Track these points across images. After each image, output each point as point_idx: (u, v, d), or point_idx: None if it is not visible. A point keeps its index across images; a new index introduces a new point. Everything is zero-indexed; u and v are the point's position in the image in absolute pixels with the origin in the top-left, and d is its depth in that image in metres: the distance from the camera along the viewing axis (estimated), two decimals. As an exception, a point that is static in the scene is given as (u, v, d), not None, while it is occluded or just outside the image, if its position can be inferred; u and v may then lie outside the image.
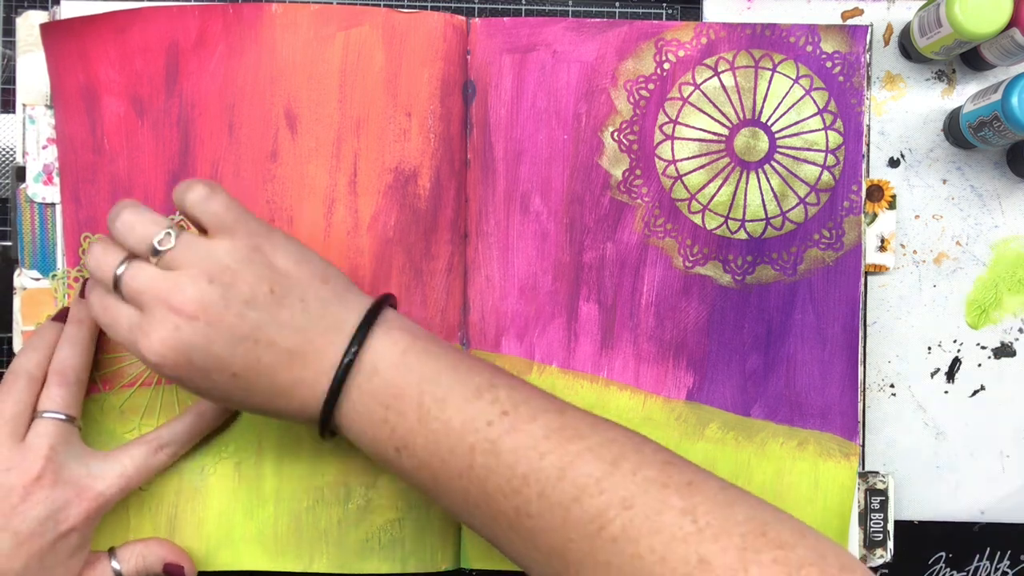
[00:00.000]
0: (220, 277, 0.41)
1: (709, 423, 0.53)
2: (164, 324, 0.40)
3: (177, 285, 0.40)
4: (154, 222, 0.42)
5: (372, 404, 0.42)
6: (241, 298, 0.41)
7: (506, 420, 0.41)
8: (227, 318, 0.40)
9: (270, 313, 0.41)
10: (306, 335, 0.42)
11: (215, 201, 0.42)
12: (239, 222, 0.42)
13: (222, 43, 0.51)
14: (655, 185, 0.52)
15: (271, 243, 0.43)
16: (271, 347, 0.41)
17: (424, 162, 0.51)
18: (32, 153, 0.52)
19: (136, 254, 0.42)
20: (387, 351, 0.42)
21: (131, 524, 0.51)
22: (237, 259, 0.41)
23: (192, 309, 0.40)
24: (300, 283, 0.42)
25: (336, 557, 0.52)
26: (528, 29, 0.52)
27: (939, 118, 0.54)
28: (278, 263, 0.42)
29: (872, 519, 0.53)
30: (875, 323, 0.54)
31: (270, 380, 0.42)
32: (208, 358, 0.41)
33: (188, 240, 0.42)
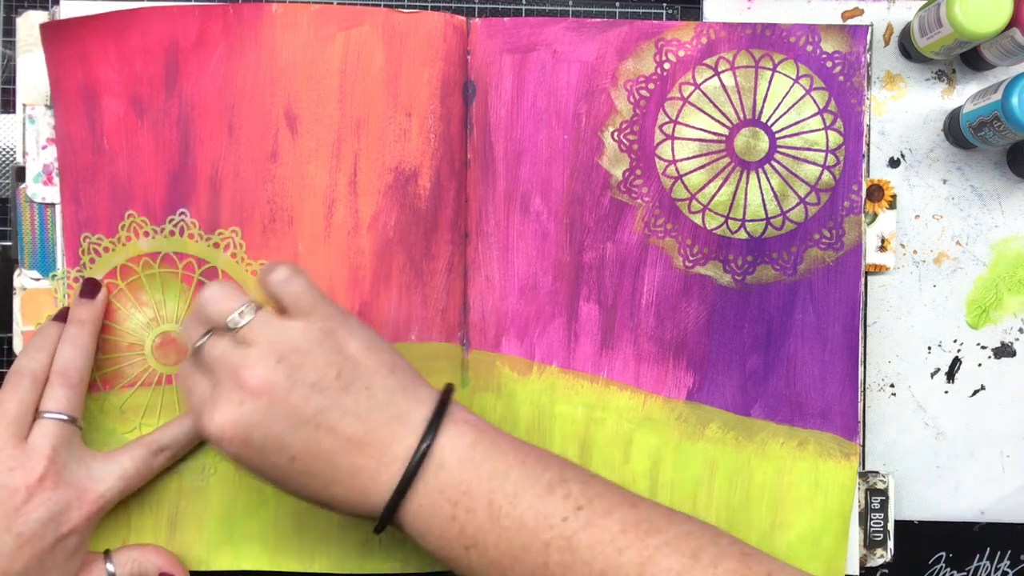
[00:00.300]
0: (289, 358, 0.41)
1: (709, 423, 0.53)
2: (229, 399, 0.40)
3: (246, 360, 0.41)
4: (235, 298, 0.43)
5: (439, 500, 0.41)
6: (307, 381, 0.41)
7: (581, 515, 0.40)
8: (291, 399, 0.40)
9: (335, 399, 0.41)
10: (369, 424, 0.41)
11: (295, 283, 0.43)
12: (316, 306, 0.43)
13: (222, 43, 0.51)
14: (655, 185, 0.52)
15: (345, 329, 0.43)
16: (333, 433, 0.41)
17: (424, 162, 0.51)
18: (32, 153, 0.52)
19: (217, 329, 0.43)
20: (455, 445, 0.42)
21: (132, 523, 0.51)
22: (309, 341, 0.42)
23: (258, 386, 0.40)
24: (368, 371, 0.42)
25: (336, 557, 0.52)
26: (528, 29, 0.52)
27: (939, 118, 0.54)
28: (349, 349, 0.42)
29: (872, 519, 0.53)
30: (875, 323, 0.54)
31: (329, 466, 0.41)
32: (268, 438, 0.41)
33: (264, 318, 0.42)
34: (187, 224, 0.51)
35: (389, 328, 0.51)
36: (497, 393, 0.53)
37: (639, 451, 0.52)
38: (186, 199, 0.51)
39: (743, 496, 0.52)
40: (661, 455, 0.53)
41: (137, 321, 0.51)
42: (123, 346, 0.51)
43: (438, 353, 0.52)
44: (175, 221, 0.51)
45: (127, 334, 0.51)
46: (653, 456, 0.53)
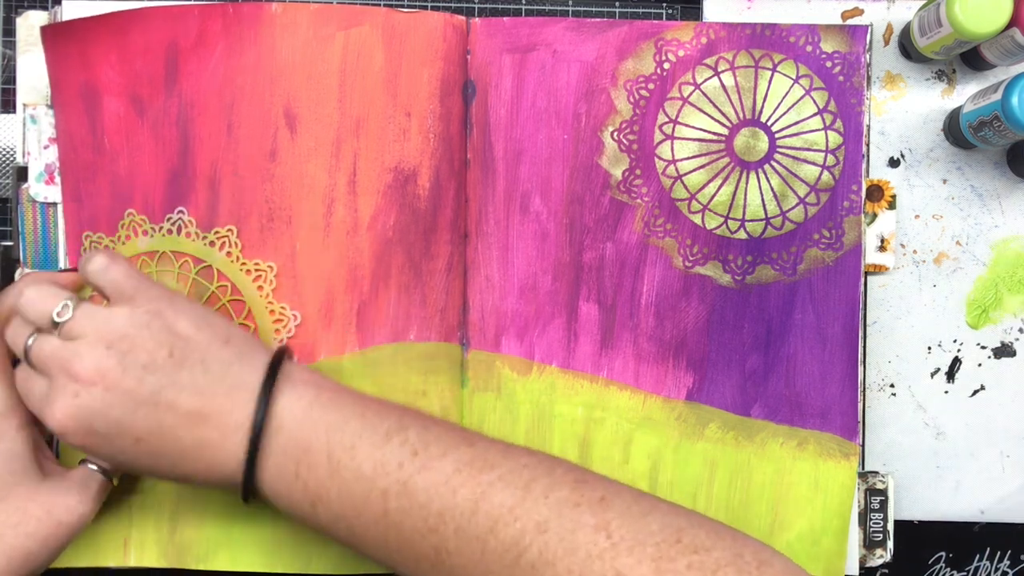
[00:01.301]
0: (118, 344, 0.41)
1: (709, 423, 0.53)
2: (64, 392, 0.41)
3: (75, 353, 0.41)
4: (54, 295, 0.43)
5: (283, 461, 0.42)
6: (139, 363, 0.41)
7: (416, 460, 0.41)
8: (125, 383, 0.41)
9: (169, 376, 0.41)
10: (208, 396, 0.42)
11: (113, 270, 0.43)
12: (139, 290, 0.43)
13: (221, 43, 0.51)
14: (655, 185, 0.52)
15: (172, 308, 0.43)
16: (172, 410, 0.41)
17: (424, 162, 0.51)
18: (34, 153, 0.52)
19: (40, 327, 0.43)
20: (292, 405, 0.42)
21: (133, 520, 0.51)
22: (135, 325, 0.42)
23: (90, 376, 0.41)
24: (200, 346, 0.42)
25: (334, 558, 0.52)
26: (528, 29, 0.52)
27: (939, 118, 0.54)
28: (178, 327, 0.43)
29: (872, 519, 0.53)
30: (875, 323, 0.54)
31: (175, 443, 0.42)
32: (109, 424, 0.41)
33: (86, 310, 0.42)
34: (185, 223, 0.51)
35: (388, 328, 0.51)
36: (497, 393, 0.53)
37: (639, 451, 0.52)
38: (185, 198, 0.51)
39: (743, 496, 0.52)
40: (661, 455, 0.53)
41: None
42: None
43: (437, 353, 0.52)
44: (173, 220, 0.51)
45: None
46: (653, 456, 0.53)
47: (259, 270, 0.51)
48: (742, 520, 0.52)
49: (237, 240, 0.51)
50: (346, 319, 0.51)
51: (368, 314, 0.51)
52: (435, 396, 0.52)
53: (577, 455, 0.52)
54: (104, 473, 0.47)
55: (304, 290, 0.51)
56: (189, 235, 0.51)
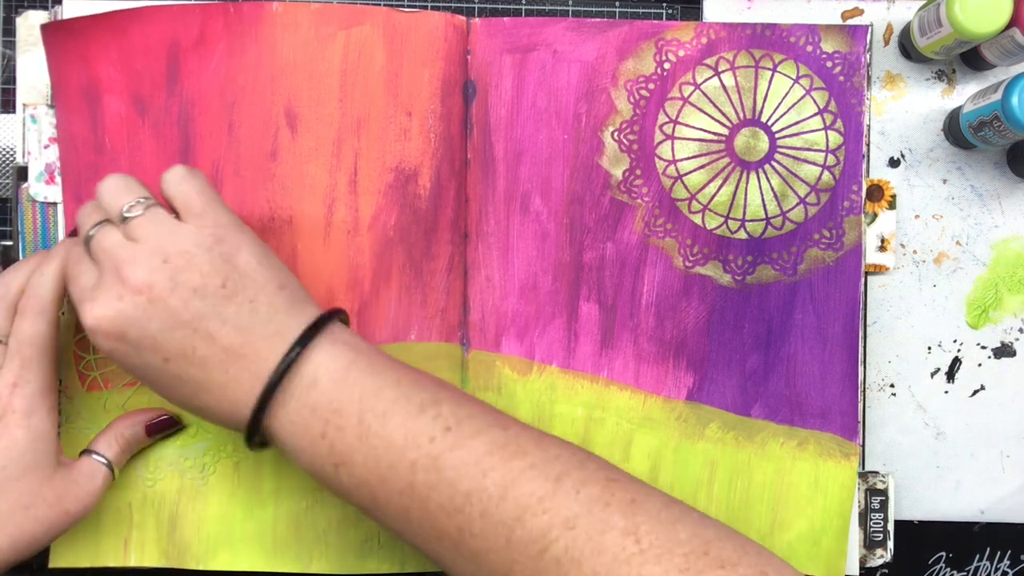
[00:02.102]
0: (175, 259, 0.41)
1: (709, 423, 0.53)
2: (109, 292, 0.40)
3: (132, 257, 0.41)
4: (132, 190, 0.43)
5: (311, 418, 0.41)
6: (190, 284, 0.41)
7: (449, 436, 0.40)
8: (171, 300, 0.40)
9: (216, 306, 0.41)
10: (248, 336, 0.41)
11: (189, 183, 0.43)
12: (209, 209, 0.43)
13: (223, 42, 0.51)
14: (655, 185, 0.52)
15: (237, 239, 0.43)
16: (209, 340, 0.41)
17: (424, 162, 0.51)
18: (34, 152, 0.52)
19: (111, 219, 0.43)
20: (330, 363, 0.42)
21: (133, 520, 0.51)
22: (197, 245, 0.41)
23: (138, 284, 0.40)
24: (255, 284, 0.42)
25: (335, 557, 0.52)
26: (528, 29, 0.52)
27: (939, 118, 0.54)
28: (238, 259, 0.42)
29: (872, 519, 0.53)
30: (875, 323, 0.54)
31: (202, 373, 0.41)
32: (143, 336, 0.40)
33: (155, 214, 0.42)
34: None
35: (389, 328, 0.51)
36: (497, 393, 0.53)
37: (639, 451, 0.52)
38: (186, 198, 0.51)
39: (743, 496, 0.52)
40: (661, 455, 0.53)
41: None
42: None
43: (438, 353, 0.52)
44: None
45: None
46: (653, 456, 0.53)
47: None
48: (742, 520, 0.52)
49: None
50: (347, 319, 0.51)
51: (369, 314, 0.51)
52: (435, 396, 0.52)
53: (577, 455, 0.52)
54: (108, 466, 0.47)
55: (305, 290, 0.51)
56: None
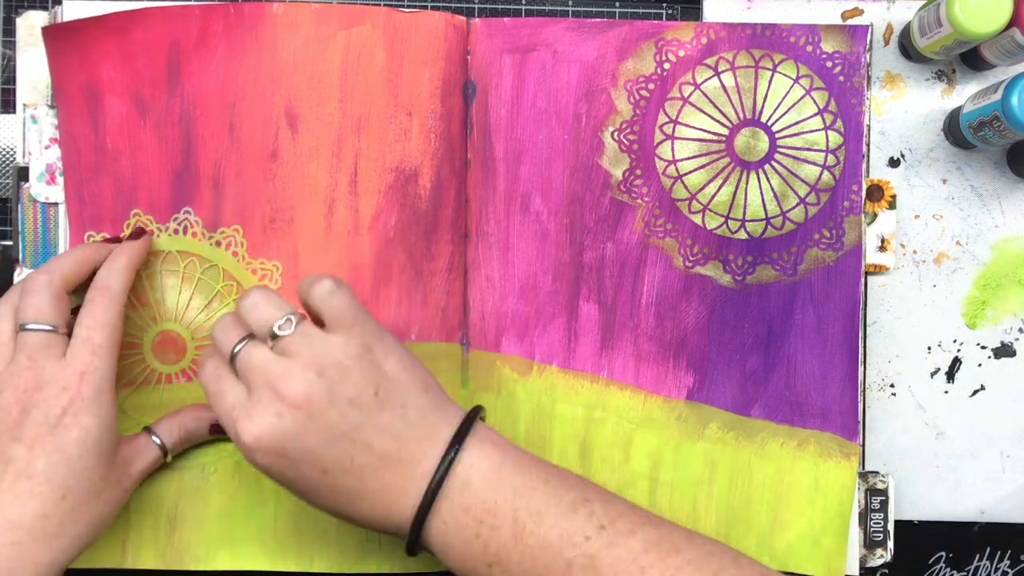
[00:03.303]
0: (329, 372, 0.41)
1: (709, 423, 0.53)
2: (268, 409, 0.41)
3: (287, 372, 0.41)
4: (279, 307, 0.43)
5: (464, 518, 0.41)
6: (346, 396, 0.41)
7: (604, 535, 0.41)
8: (329, 414, 0.41)
9: (371, 415, 0.41)
10: (402, 441, 0.42)
11: (338, 297, 0.43)
12: (357, 321, 0.43)
13: (223, 43, 0.51)
14: (655, 185, 0.52)
15: (383, 346, 0.43)
16: (367, 449, 0.41)
17: (425, 162, 0.52)
18: (35, 153, 0.52)
19: (256, 334, 0.43)
20: (481, 464, 0.42)
21: (131, 521, 0.51)
22: (349, 356, 0.42)
23: (297, 399, 0.40)
24: (404, 389, 0.43)
25: (336, 557, 0.52)
26: (528, 29, 0.52)
27: (939, 118, 0.54)
28: (386, 366, 0.43)
29: (872, 519, 0.53)
30: (875, 323, 0.54)
31: (359, 482, 0.41)
32: (302, 450, 0.41)
33: (306, 329, 0.42)
34: (191, 223, 0.51)
35: (389, 328, 0.51)
36: (497, 393, 0.53)
37: (639, 451, 0.52)
38: (190, 198, 0.51)
39: (743, 496, 0.52)
40: (661, 455, 0.53)
41: (136, 320, 0.51)
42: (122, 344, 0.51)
43: (438, 353, 0.52)
44: (179, 220, 0.51)
45: (126, 332, 0.51)
46: (653, 456, 0.53)
47: (264, 269, 0.51)
48: (743, 520, 0.52)
49: (243, 240, 0.51)
50: (347, 319, 0.51)
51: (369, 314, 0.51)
52: (436, 396, 0.52)
53: (577, 455, 0.52)
54: (163, 449, 0.49)
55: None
56: (195, 235, 0.51)
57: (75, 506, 0.44)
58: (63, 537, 0.44)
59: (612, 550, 0.40)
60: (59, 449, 0.43)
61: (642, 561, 0.40)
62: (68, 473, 0.44)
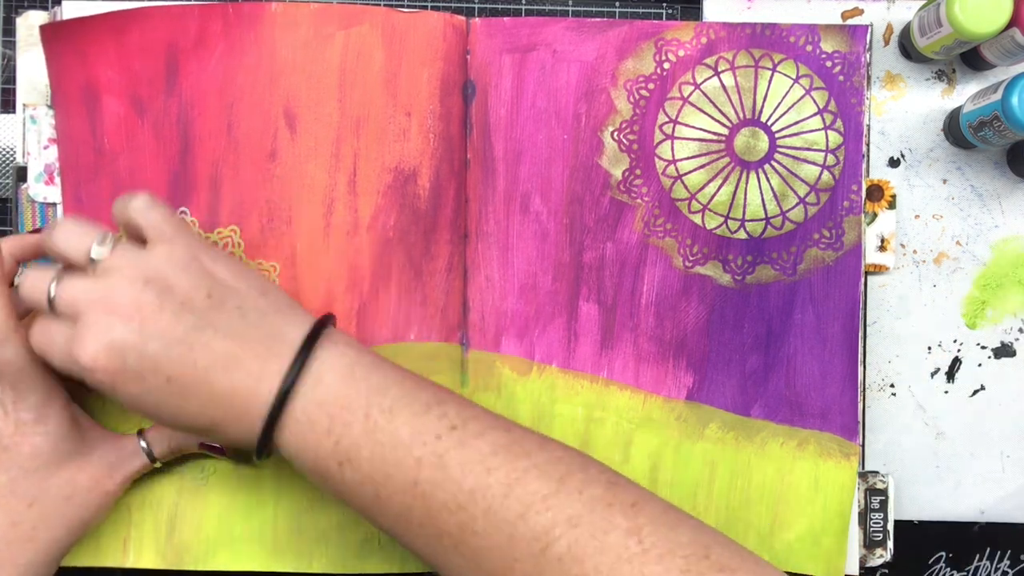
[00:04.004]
0: (156, 281, 0.41)
1: (709, 423, 0.53)
2: (97, 327, 0.40)
3: (113, 287, 0.40)
4: (92, 230, 0.42)
5: (317, 414, 0.41)
6: (177, 300, 0.41)
7: (455, 435, 0.41)
8: (163, 319, 0.40)
9: (207, 317, 0.41)
10: (244, 341, 0.41)
11: (156, 211, 0.43)
12: (179, 232, 0.43)
13: (221, 43, 0.51)
14: (655, 185, 0.52)
15: (210, 255, 0.43)
16: (207, 349, 0.41)
17: (424, 162, 0.51)
18: (34, 153, 0.52)
19: (73, 263, 0.42)
20: (335, 361, 0.42)
21: (132, 520, 0.51)
22: (174, 264, 0.41)
23: (127, 310, 0.40)
24: (238, 293, 0.42)
25: (336, 557, 0.52)
26: (528, 29, 0.52)
27: (939, 118, 0.54)
28: (217, 272, 0.42)
29: (872, 519, 0.53)
30: (875, 323, 0.54)
31: (206, 385, 0.41)
32: (143, 360, 0.40)
33: (125, 247, 0.42)
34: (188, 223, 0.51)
35: (389, 328, 0.51)
36: (497, 393, 0.53)
37: (639, 451, 0.52)
38: (187, 198, 0.51)
39: (743, 496, 0.52)
40: (661, 455, 0.53)
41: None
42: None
43: (438, 353, 0.52)
44: None
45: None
46: (653, 456, 0.53)
47: (262, 270, 0.51)
48: (742, 520, 0.52)
49: (240, 240, 0.51)
50: (346, 319, 0.51)
51: (368, 314, 0.51)
52: (435, 396, 0.52)
53: (577, 455, 0.52)
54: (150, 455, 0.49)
55: (304, 290, 0.51)
56: (192, 235, 0.51)
57: (45, 512, 0.45)
58: (38, 540, 0.44)
59: (461, 450, 0.40)
60: (15, 465, 0.44)
61: (489, 462, 0.40)
62: (30, 484, 0.44)
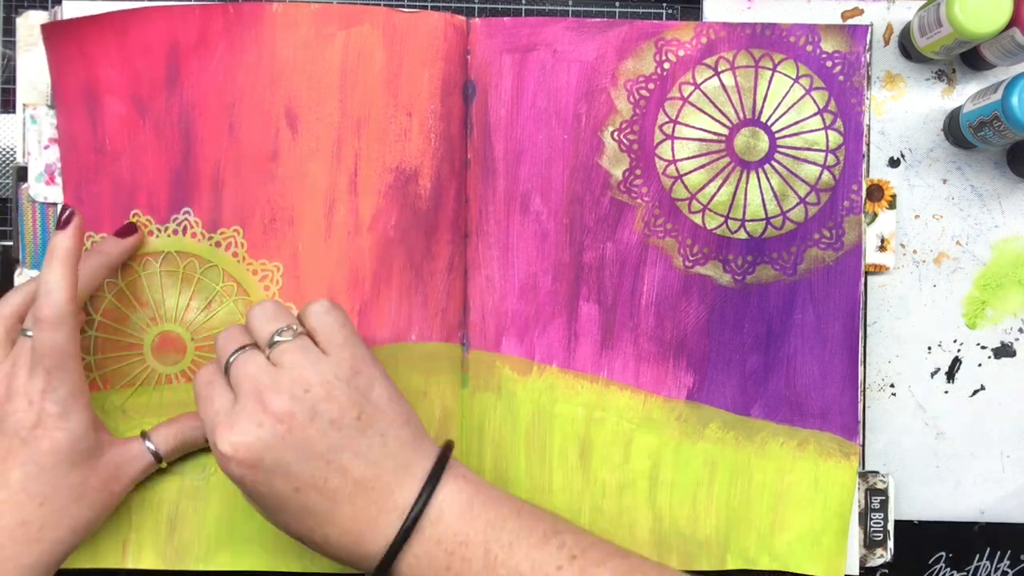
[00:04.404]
0: (316, 390, 0.41)
1: (709, 423, 0.53)
2: (250, 419, 0.41)
3: (275, 383, 0.41)
4: (284, 318, 0.44)
5: (436, 551, 0.41)
6: (329, 416, 0.41)
7: (575, 564, 0.41)
8: (309, 431, 0.41)
9: (350, 439, 0.42)
10: (378, 470, 0.42)
11: (332, 316, 0.44)
12: (348, 343, 0.43)
13: (222, 43, 0.51)
14: (655, 185, 0.52)
15: (371, 373, 0.44)
16: (342, 472, 0.41)
17: (425, 162, 0.51)
18: (34, 153, 0.52)
19: (257, 341, 0.44)
20: (454, 498, 0.42)
21: (132, 522, 0.51)
22: (338, 377, 0.42)
23: (280, 412, 0.41)
24: (386, 419, 0.43)
25: (336, 557, 0.52)
26: (528, 29, 0.52)
27: (939, 118, 0.54)
28: (373, 394, 0.43)
29: (872, 519, 0.53)
30: (875, 323, 0.54)
31: (331, 504, 0.41)
32: (278, 465, 0.41)
33: (303, 343, 0.43)
34: (190, 223, 0.51)
35: (389, 328, 0.51)
36: (497, 393, 0.53)
37: (639, 451, 0.52)
38: (189, 198, 0.51)
39: (743, 496, 0.52)
40: (661, 455, 0.53)
41: (136, 320, 0.51)
42: (122, 345, 0.51)
43: (438, 353, 0.52)
44: (179, 220, 0.51)
45: (126, 333, 0.51)
46: (653, 456, 0.53)
47: (265, 270, 0.51)
48: (743, 520, 0.52)
49: (243, 240, 0.51)
50: (347, 319, 0.51)
51: (369, 314, 0.51)
52: (436, 396, 0.52)
53: (577, 455, 0.52)
54: (156, 456, 0.49)
55: (306, 290, 0.51)
56: (195, 236, 0.51)
57: (55, 512, 0.45)
58: (45, 541, 0.44)
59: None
60: (32, 460, 0.44)
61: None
62: (43, 482, 0.44)
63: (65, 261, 0.44)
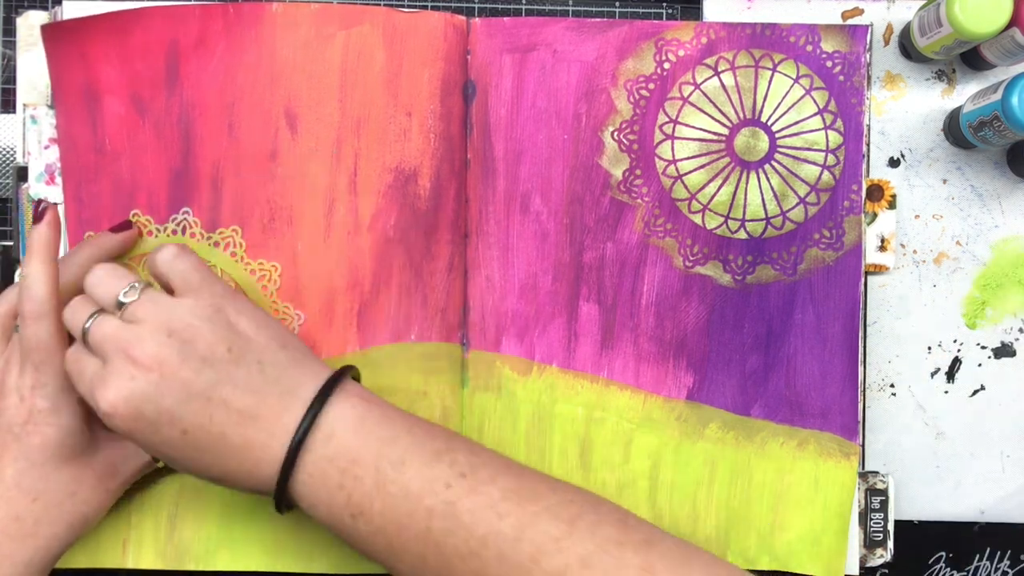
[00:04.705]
0: (180, 333, 0.42)
1: (709, 423, 0.53)
2: (120, 375, 0.41)
3: (137, 337, 0.41)
4: (122, 276, 0.44)
5: (328, 469, 0.42)
6: (198, 355, 0.41)
7: (464, 482, 0.41)
8: (182, 373, 0.41)
9: (226, 372, 0.42)
10: (261, 397, 0.42)
11: (182, 261, 0.44)
12: (204, 283, 0.44)
13: (222, 43, 0.51)
14: (655, 185, 0.52)
15: (234, 306, 0.44)
16: (224, 406, 0.41)
17: (424, 162, 0.51)
18: (34, 153, 0.52)
19: (104, 308, 0.43)
20: (344, 415, 0.42)
21: (132, 522, 0.51)
22: (198, 317, 0.42)
23: (148, 361, 0.41)
24: (259, 346, 0.43)
25: (336, 557, 0.52)
26: (528, 29, 0.52)
27: (939, 118, 0.54)
28: (239, 326, 0.43)
29: (872, 519, 0.53)
30: (875, 323, 0.54)
31: (221, 440, 0.41)
32: (159, 412, 0.41)
33: (152, 295, 0.43)
34: (189, 223, 0.51)
35: (389, 328, 0.51)
36: (497, 393, 0.53)
37: (639, 451, 0.52)
38: (188, 198, 0.51)
39: (743, 496, 0.52)
40: (661, 455, 0.53)
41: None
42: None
43: (438, 353, 0.52)
44: (178, 220, 0.51)
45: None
46: (653, 456, 0.53)
47: (263, 270, 0.51)
48: (743, 520, 0.52)
49: (242, 240, 0.51)
50: (347, 319, 0.51)
51: (369, 314, 0.51)
52: (436, 396, 0.52)
53: (577, 455, 0.52)
54: None
55: (305, 290, 0.51)
56: (194, 235, 0.51)
57: (48, 507, 0.45)
58: (39, 537, 0.45)
59: (472, 497, 0.40)
60: (24, 456, 0.45)
61: (500, 508, 0.40)
62: (36, 478, 0.45)
63: (41, 255, 0.45)
